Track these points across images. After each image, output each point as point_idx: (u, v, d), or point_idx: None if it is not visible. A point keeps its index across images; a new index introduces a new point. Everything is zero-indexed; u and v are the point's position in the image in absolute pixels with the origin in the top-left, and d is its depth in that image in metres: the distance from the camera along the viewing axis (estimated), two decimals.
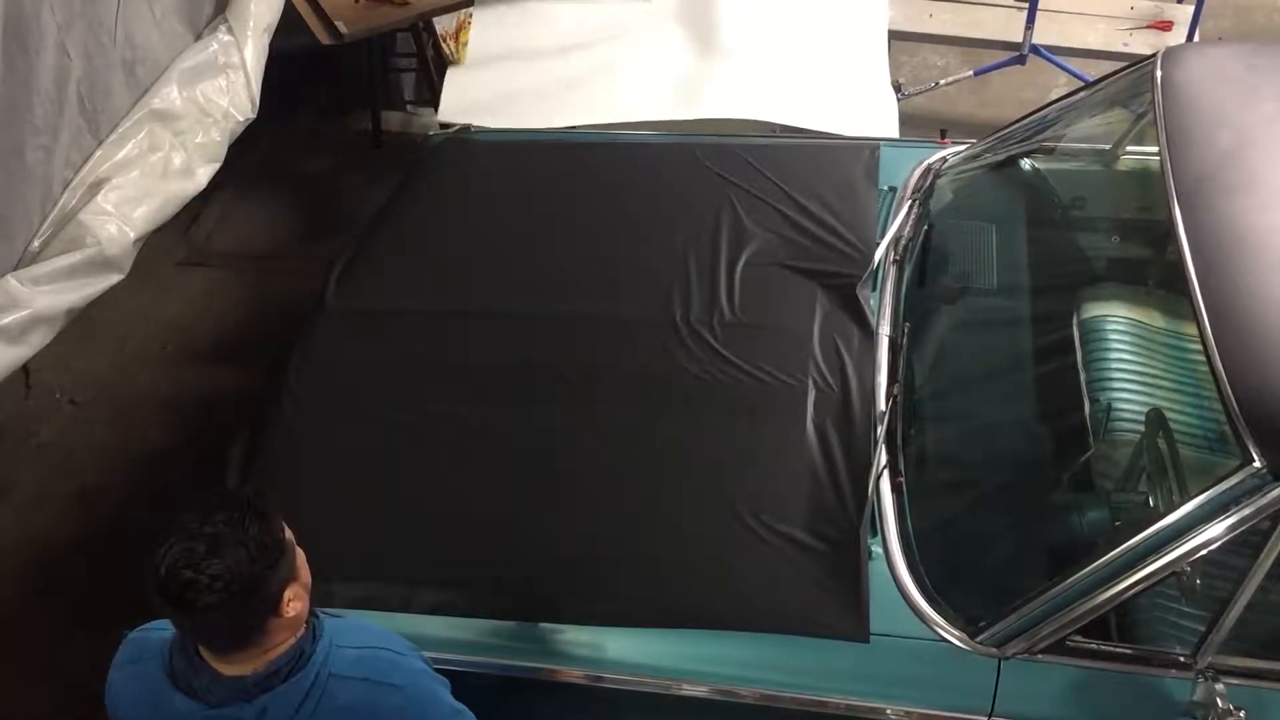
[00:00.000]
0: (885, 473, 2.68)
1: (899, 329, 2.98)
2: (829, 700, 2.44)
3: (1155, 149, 2.79)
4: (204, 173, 3.55)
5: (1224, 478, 2.22)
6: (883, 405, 2.81)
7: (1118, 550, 2.30)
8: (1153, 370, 2.83)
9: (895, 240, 3.23)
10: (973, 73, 5.11)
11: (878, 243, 3.22)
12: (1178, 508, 2.27)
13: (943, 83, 5.09)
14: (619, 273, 3.25)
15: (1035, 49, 4.87)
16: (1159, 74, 2.92)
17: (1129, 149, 3.27)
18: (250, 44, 3.74)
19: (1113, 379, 2.81)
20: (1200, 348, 2.36)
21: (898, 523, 2.61)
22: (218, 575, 1.78)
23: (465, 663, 2.43)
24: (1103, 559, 2.31)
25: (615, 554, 2.63)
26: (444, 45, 5.00)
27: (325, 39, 4.41)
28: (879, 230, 3.27)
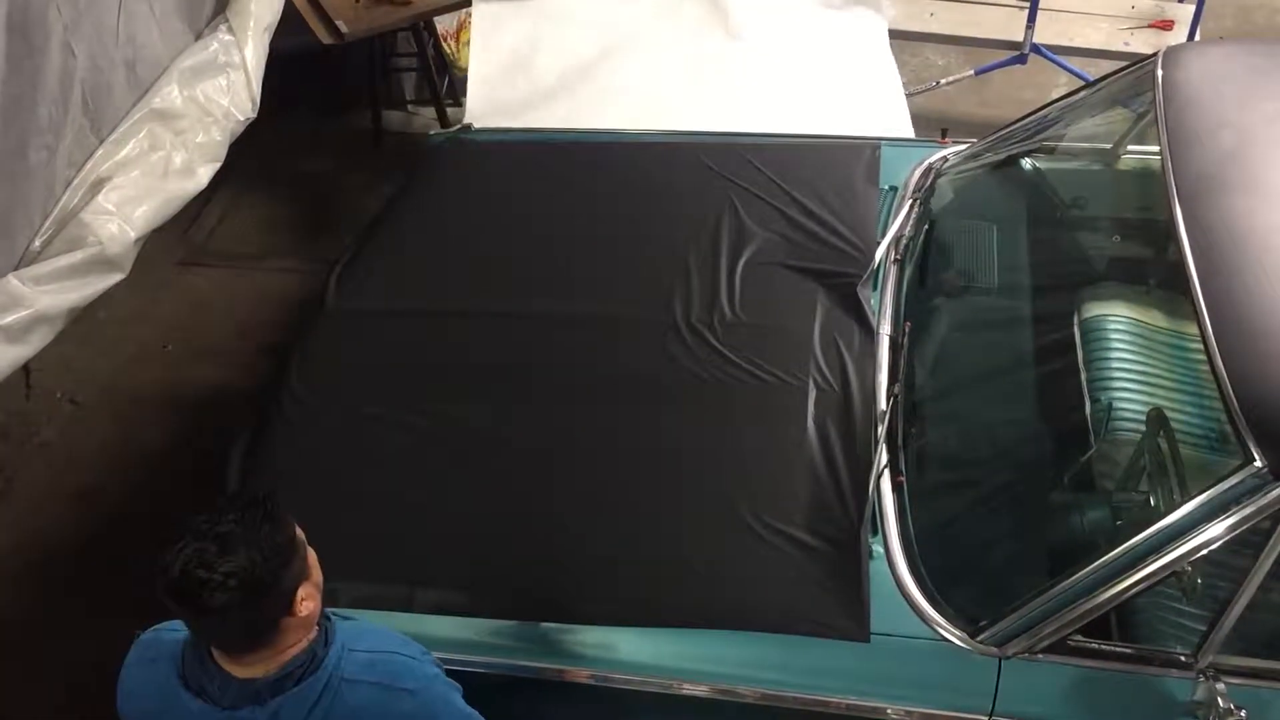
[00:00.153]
0: (886, 472, 2.67)
1: (900, 328, 2.98)
2: (830, 700, 2.44)
3: (1156, 148, 2.78)
4: (205, 172, 3.56)
5: (1225, 477, 2.22)
6: (883, 404, 2.81)
7: (1118, 550, 2.30)
8: (1153, 370, 2.83)
9: (896, 239, 3.23)
10: (974, 72, 5.11)
11: (878, 242, 3.22)
12: (1178, 507, 2.27)
13: (943, 82, 5.09)
14: (619, 272, 3.25)
15: (1036, 48, 4.87)
16: (1160, 73, 2.91)
17: (1130, 148, 3.28)
18: (251, 43, 3.74)
19: (1113, 379, 2.81)
20: (1201, 347, 2.35)
21: (898, 522, 2.61)
22: (230, 573, 1.78)
23: (466, 662, 2.42)
24: (1103, 558, 2.30)
25: (616, 553, 2.63)
26: (444, 45, 5.01)
27: (326, 38, 4.41)
28: (880, 229, 3.27)
